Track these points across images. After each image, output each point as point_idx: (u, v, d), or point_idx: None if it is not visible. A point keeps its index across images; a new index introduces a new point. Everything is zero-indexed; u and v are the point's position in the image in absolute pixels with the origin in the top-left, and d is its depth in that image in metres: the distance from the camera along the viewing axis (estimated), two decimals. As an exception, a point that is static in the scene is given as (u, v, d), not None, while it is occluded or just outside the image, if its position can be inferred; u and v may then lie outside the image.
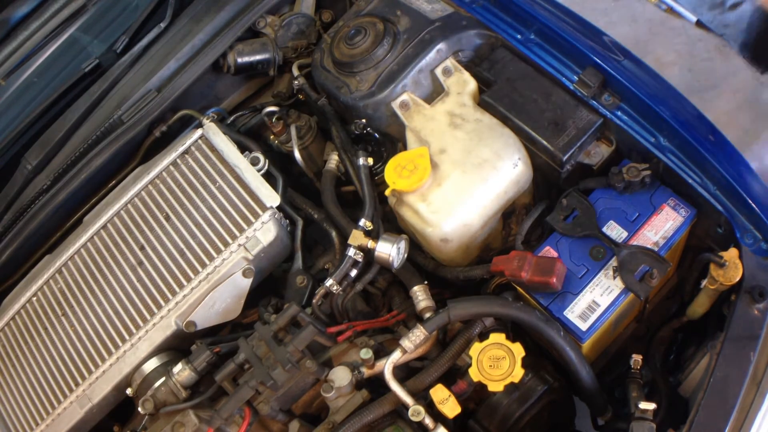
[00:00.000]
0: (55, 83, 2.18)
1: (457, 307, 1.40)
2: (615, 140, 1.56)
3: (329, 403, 1.42)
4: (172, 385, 1.43)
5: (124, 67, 2.05)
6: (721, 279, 1.37)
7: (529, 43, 1.66)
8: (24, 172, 1.99)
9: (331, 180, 1.71)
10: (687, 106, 1.54)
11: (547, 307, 1.41)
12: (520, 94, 1.60)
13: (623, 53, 1.60)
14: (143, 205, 1.68)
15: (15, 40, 2.22)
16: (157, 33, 2.10)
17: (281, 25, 1.99)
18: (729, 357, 1.30)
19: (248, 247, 1.55)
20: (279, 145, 1.84)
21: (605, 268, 1.42)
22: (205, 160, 1.68)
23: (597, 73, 1.55)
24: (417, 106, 1.65)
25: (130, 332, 1.55)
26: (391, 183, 1.52)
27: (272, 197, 1.59)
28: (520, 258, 1.40)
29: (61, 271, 1.69)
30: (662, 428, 1.36)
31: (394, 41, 1.70)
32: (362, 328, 1.54)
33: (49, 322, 1.65)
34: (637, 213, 1.46)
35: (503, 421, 1.45)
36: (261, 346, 1.40)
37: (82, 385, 1.54)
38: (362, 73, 1.70)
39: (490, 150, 1.53)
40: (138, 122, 1.88)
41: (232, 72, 1.98)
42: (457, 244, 1.54)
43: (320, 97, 1.82)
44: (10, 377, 1.66)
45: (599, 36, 1.64)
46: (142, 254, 1.62)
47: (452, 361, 1.43)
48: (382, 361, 1.42)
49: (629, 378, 1.47)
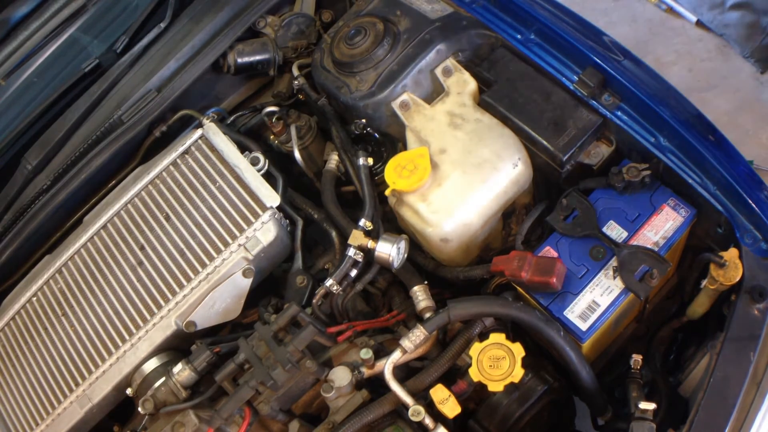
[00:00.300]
0: (55, 83, 2.18)
1: (457, 307, 1.40)
2: (615, 140, 1.56)
3: (329, 403, 1.42)
4: (172, 385, 1.43)
5: (124, 67, 2.05)
6: (721, 279, 1.37)
7: (529, 43, 1.66)
8: (24, 172, 1.99)
9: (331, 180, 1.71)
10: (687, 106, 1.54)
11: (547, 307, 1.41)
12: (520, 94, 1.60)
13: (623, 53, 1.60)
14: (143, 205, 1.68)
15: (15, 40, 2.22)
16: (157, 33, 2.10)
17: (281, 25, 1.99)
18: (729, 357, 1.30)
19: (248, 247, 1.55)
20: (279, 145, 1.84)
21: (605, 268, 1.42)
22: (205, 160, 1.68)
23: (597, 73, 1.55)
24: (417, 106, 1.65)
25: (130, 332, 1.55)
26: (391, 183, 1.52)
27: (272, 197, 1.59)
28: (520, 258, 1.40)
29: (61, 271, 1.69)
30: (662, 428, 1.36)
31: (394, 41, 1.70)
32: (362, 328, 1.54)
33: (49, 322, 1.65)
34: (637, 213, 1.46)
35: (503, 421, 1.45)
36: (261, 346, 1.40)
37: (82, 385, 1.54)
38: (362, 73, 1.70)
39: (490, 150, 1.53)
40: (138, 122, 1.88)
41: (232, 72, 1.98)
42: (457, 244, 1.54)
43: (320, 97, 1.82)
44: (10, 377, 1.65)
45: (599, 36, 1.64)
46: (142, 254, 1.62)
47: (452, 361, 1.43)
48: (382, 361, 1.42)
49: (629, 378, 1.47)
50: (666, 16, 3.46)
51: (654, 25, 3.46)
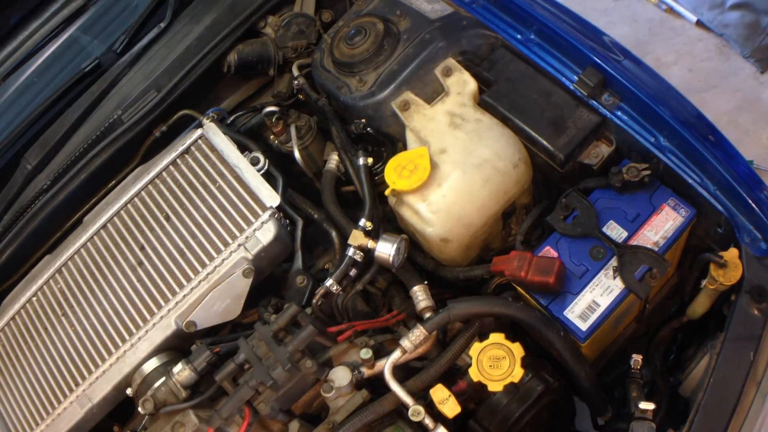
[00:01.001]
0: (55, 83, 2.18)
1: (457, 307, 1.40)
2: (615, 140, 1.56)
3: (329, 403, 1.42)
4: (172, 385, 1.43)
5: (124, 67, 2.05)
6: (721, 279, 1.37)
7: (529, 43, 1.66)
8: (24, 172, 1.99)
9: (331, 180, 1.71)
10: (687, 106, 1.54)
11: (547, 307, 1.41)
12: (520, 94, 1.60)
13: (623, 53, 1.60)
14: (143, 205, 1.68)
15: (15, 40, 2.22)
16: (157, 33, 2.10)
17: (281, 25, 1.99)
18: (729, 357, 1.30)
19: (248, 247, 1.55)
20: (279, 145, 1.84)
21: (605, 268, 1.42)
22: (205, 160, 1.68)
23: (597, 73, 1.55)
24: (417, 106, 1.65)
25: (130, 332, 1.55)
26: (391, 183, 1.52)
27: (272, 197, 1.59)
28: (520, 258, 1.40)
29: (61, 271, 1.69)
30: (662, 428, 1.36)
31: (394, 41, 1.70)
32: (362, 328, 1.54)
33: (49, 322, 1.65)
34: (636, 213, 1.46)
35: (503, 421, 1.45)
36: (261, 346, 1.40)
37: (82, 385, 1.54)
38: (362, 73, 1.70)
39: (490, 150, 1.53)
40: (138, 122, 1.88)
41: (232, 72, 1.98)
42: (457, 244, 1.54)
43: (320, 97, 1.82)
44: (10, 377, 1.66)
45: (599, 36, 1.64)
46: (142, 254, 1.62)
47: (452, 361, 1.43)
48: (382, 361, 1.42)
49: (629, 378, 1.47)
50: (666, 16, 3.46)
51: (654, 25, 3.46)
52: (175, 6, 2.13)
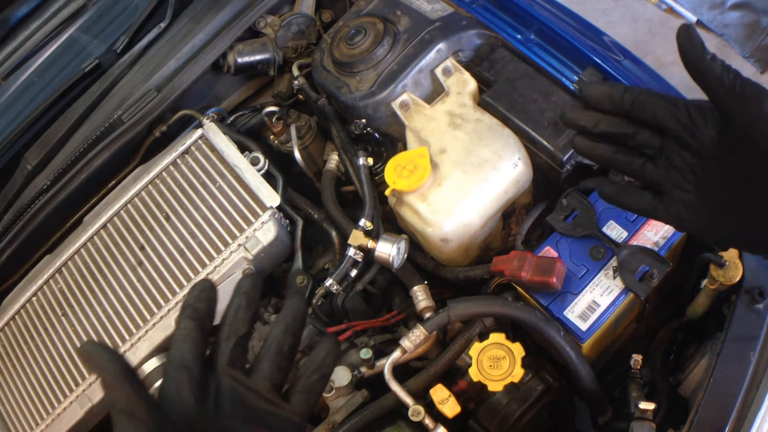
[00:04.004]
0: (55, 83, 2.18)
1: (457, 307, 1.40)
2: (615, 140, 1.56)
3: (329, 403, 1.42)
4: (172, 385, 1.43)
5: (124, 67, 2.04)
6: (721, 279, 1.37)
7: (529, 43, 1.66)
8: (24, 172, 1.99)
9: (331, 180, 1.71)
10: (687, 106, 1.54)
11: (547, 307, 1.41)
12: (520, 94, 1.60)
13: (623, 53, 1.60)
14: (143, 205, 1.68)
15: (15, 40, 2.22)
16: (157, 33, 2.09)
17: (281, 25, 1.99)
18: (729, 357, 1.30)
19: (248, 247, 1.55)
20: (279, 145, 1.84)
21: (605, 268, 1.42)
22: (205, 160, 1.68)
23: (597, 73, 1.55)
24: (417, 106, 1.65)
25: (130, 332, 1.54)
26: (391, 183, 1.52)
27: (272, 197, 1.59)
28: (520, 258, 1.39)
29: (61, 271, 1.69)
30: (662, 428, 1.36)
31: (394, 41, 1.70)
32: (362, 328, 1.54)
33: (49, 322, 1.65)
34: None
35: (503, 421, 1.45)
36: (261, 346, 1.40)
37: (82, 385, 1.54)
38: (362, 73, 1.70)
39: (490, 150, 1.53)
40: (138, 122, 1.87)
41: (232, 72, 1.98)
42: (457, 244, 1.54)
43: (320, 97, 1.82)
44: (10, 377, 1.65)
45: (599, 36, 1.64)
46: (142, 254, 1.62)
47: (452, 361, 1.43)
48: (382, 361, 1.42)
49: (629, 378, 1.47)
50: (666, 16, 3.46)
51: (654, 25, 3.46)
52: (175, 6, 2.13)
